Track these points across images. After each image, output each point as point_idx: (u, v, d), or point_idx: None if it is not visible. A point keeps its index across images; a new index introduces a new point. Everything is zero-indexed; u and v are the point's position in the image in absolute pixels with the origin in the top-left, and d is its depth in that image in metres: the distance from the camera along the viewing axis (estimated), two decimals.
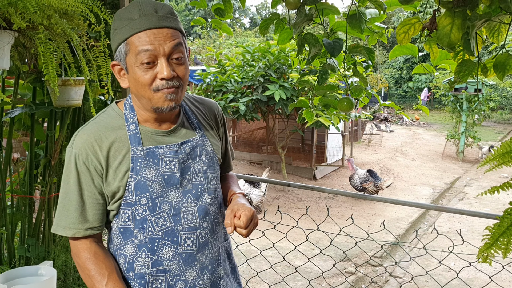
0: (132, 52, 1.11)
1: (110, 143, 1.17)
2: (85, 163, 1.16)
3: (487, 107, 11.64)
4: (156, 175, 1.18)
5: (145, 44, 1.09)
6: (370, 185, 7.61)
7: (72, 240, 1.21)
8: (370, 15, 1.86)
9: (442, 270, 4.54)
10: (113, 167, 1.17)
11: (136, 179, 1.16)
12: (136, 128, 1.20)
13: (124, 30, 1.11)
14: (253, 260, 4.21)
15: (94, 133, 1.18)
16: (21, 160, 2.74)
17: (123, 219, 1.20)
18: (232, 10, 2.15)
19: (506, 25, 1.51)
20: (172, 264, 1.20)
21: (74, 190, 1.17)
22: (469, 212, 1.86)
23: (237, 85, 7.10)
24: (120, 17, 1.14)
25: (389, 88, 26.52)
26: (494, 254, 0.93)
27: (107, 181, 1.18)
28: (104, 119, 1.22)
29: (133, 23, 1.10)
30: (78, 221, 1.17)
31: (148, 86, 1.12)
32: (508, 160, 0.89)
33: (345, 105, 1.89)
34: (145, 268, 1.19)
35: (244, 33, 24.74)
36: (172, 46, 1.11)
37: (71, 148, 1.18)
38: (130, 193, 1.17)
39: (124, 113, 1.22)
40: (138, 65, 1.11)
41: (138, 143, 1.18)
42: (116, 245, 1.24)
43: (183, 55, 1.15)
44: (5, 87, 2.32)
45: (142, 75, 1.11)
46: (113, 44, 1.17)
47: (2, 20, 1.42)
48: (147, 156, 1.18)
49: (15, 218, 2.23)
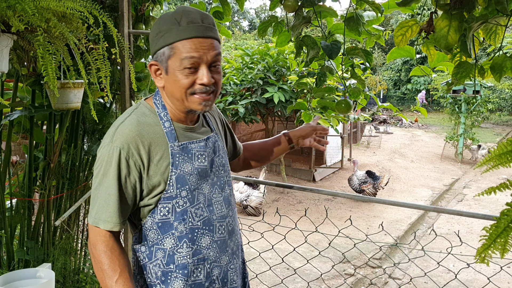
0: (176, 56, 1.18)
1: (151, 138, 1.23)
2: (126, 157, 1.20)
3: (486, 109, 11.65)
4: (192, 168, 1.26)
5: (191, 51, 1.17)
6: (369, 187, 7.61)
7: (95, 229, 1.23)
8: (368, 17, 1.87)
9: (442, 272, 4.54)
10: (154, 161, 1.23)
11: (176, 173, 1.23)
12: (171, 126, 1.27)
13: (170, 34, 1.18)
14: (252, 262, 4.21)
15: (135, 128, 1.22)
16: (20, 163, 2.74)
17: (162, 213, 1.25)
18: (230, 13, 2.16)
19: (502, 27, 1.52)
20: (210, 252, 1.29)
21: (113, 185, 1.20)
22: (467, 213, 1.86)
23: (236, 87, 7.11)
24: (165, 21, 1.20)
25: (388, 90, 26.54)
26: (492, 255, 0.93)
27: (148, 175, 1.23)
28: (140, 117, 1.26)
29: (180, 29, 1.17)
30: (116, 214, 1.21)
31: (185, 89, 1.20)
32: (505, 161, 0.89)
33: (343, 107, 1.90)
34: (187, 258, 1.25)
35: (243, 36, 24.78)
36: (214, 55, 1.20)
37: (111, 143, 1.21)
38: (172, 187, 1.23)
39: (157, 111, 1.28)
40: (181, 69, 1.18)
41: (174, 139, 1.26)
42: (152, 240, 1.27)
43: (220, 64, 1.25)
44: (4, 90, 2.32)
45: (183, 79, 1.19)
46: (155, 46, 1.22)
47: (1, 23, 1.43)
48: (182, 151, 1.26)
49: (14, 220, 2.24)
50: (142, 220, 1.28)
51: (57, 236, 2.38)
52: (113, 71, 2.29)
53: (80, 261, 2.53)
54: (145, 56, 2.54)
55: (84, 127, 2.49)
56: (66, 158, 2.35)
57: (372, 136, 14.83)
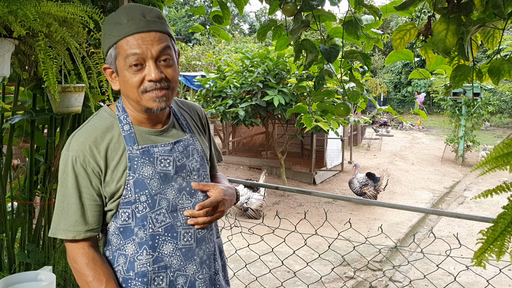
0: (121, 55, 1.15)
1: (107, 144, 1.20)
2: (82, 165, 1.17)
3: (486, 111, 11.66)
4: (153, 172, 1.21)
5: (133, 47, 1.12)
6: (370, 189, 7.62)
7: (70, 243, 1.21)
8: (366, 21, 1.88)
9: (442, 274, 4.54)
10: (111, 167, 1.19)
11: (134, 177, 1.19)
12: (130, 129, 1.23)
13: (113, 34, 1.15)
14: (252, 265, 4.21)
15: (90, 135, 1.19)
16: (21, 167, 2.75)
17: (123, 218, 1.21)
18: (230, 17, 2.17)
19: (500, 31, 1.53)
20: (173, 260, 1.23)
21: (72, 193, 1.18)
22: (466, 216, 1.87)
23: (236, 90, 7.12)
24: (109, 22, 1.17)
25: (388, 92, 26.56)
26: (488, 258, 0.93)
27: (105, 181, 1.19)
28: (97, 122, 1.24)
29: (122, 27, 1.13)
30: (78, 223, 1.18)
31: (136, 88, 1.16)
32: (501, 164, 0.90)
33: (342, 110, 1.91)
34: (146, 266, 1.20)
35: (243, 39, 24.81)
36: (160, 49, 1.14)
37: (67, 151, 1.19)
38: (130, 191, 1.19)
39: (117, 114, 1.25)
40: (127, 68, 1.15)
41: (133, 142, 1.21)
42: (115, 246, 1.24)
43: (171, 57, 1.18)
44: (5, 94, 2.33)
45: (131, 78, 1.15)
46: (103, 48, 1.20)
47: (3, 28, 1.44)
48: (143, 155, 1.21)
49: (15, 224, 2.24)
50: (108, 224, 1.26)
51: (58, 239, 2.39)
52: None
53: None
54: None
55: None
56: None
57: (373, 138, 14.83)
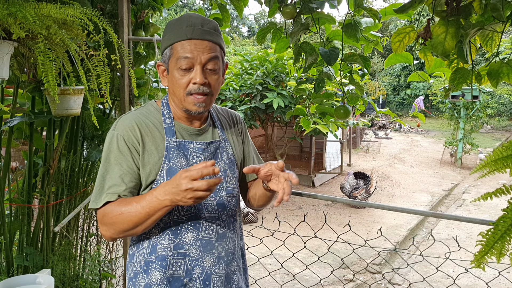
0: (174, 56, 1.26)
1: (150, 128, 1.31)
2: (126, 142, 1.27)
3: (485, 114, 11.68)
4: (185, 165, 1.30)
5: (186, 51, 1.24)
6: (361, 192, 7.61)
7: (100, 210, 1.25)
8: (366, 24, 1.88)
9: (441, 277, 4.53)
10: (148, 150, 1.28)
11: (168, 165, 1.28)
12: (172, 123, 1.34)
13: (172, 36, 1.27)
14: (251, 268, 4.20)
15: (136, 118, 1.32)
16: (20, 169, 2.74)
17: None
18: (229, 19, 2.18)
19: (499, 33, 1.53)
20: (192, 249, 1.29)
21: (114, 167, 1.26)
22: (465, 218, 1.86)
23: (235, 93, 7.13)
24: (171, 25, 1.29)
25: (387, 95, 26.59)
26: (489, 260, 0.93)
27: (143, 162, 1.28)
28: (144, 111, 1.36)
29: (180, 32, 1.25)
30: (117, 185, 1.25)
31: (183, 89, 1.27)
32: (500, 167, 0.90)
33: (342, 113, 1.91)
34: (167, 250, 1.28)
35: (242, 42, 24.84)
36: (209, 57, 1.26)
37: (114, 131, 1.30)
38: (162, 178, 1.27)
39: (162, 109, 1.36)
40: (177, 69, 1.26)
41: (172, 134, 1.32)
42: None
43: (218, 67, 1.29)
44: (4, 96, 2.33)
45: (180, 78, 1.27)
46: (161, 47, 1.32)
47: (2, 30, 1.44)
48: (179, 148, 1.31)
49: (13, 227, 2.23)
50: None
51: (57, 242, 2.38)
52: (112, 77, 2.30)
53: (80, 267, 2.53)
54: (144, 62, 2.55)
55: (83, 133, 2.50)
56: (65, 164, 2.35)
57: (372, 141, 14.84)
